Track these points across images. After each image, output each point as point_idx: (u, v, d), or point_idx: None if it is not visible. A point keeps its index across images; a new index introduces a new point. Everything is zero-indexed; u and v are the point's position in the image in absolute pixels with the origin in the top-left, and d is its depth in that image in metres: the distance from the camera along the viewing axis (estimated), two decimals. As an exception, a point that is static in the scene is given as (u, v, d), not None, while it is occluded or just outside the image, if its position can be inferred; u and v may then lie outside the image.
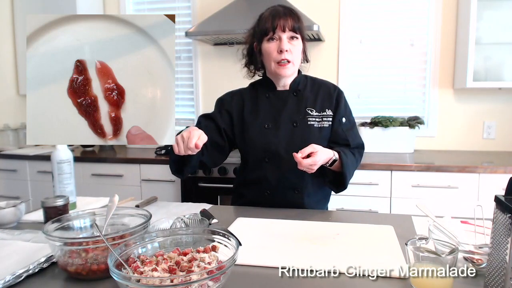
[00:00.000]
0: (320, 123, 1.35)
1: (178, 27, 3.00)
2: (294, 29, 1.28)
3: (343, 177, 1.29)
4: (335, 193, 1.40)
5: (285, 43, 1.27)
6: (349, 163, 1.29)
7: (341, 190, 1.36)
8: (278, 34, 1.28)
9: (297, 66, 1.35)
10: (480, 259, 0.79)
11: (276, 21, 1.27)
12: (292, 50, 1.29)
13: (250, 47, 1.38)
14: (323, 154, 1.21)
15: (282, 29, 1.27)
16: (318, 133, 1.34)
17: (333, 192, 1.41)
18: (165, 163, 2.50)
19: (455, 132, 2.65)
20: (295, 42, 1.30)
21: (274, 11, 1.30)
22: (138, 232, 0.85)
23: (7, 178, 2.84)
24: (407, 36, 2.67)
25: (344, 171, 1.27)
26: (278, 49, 1.28)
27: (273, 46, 1.29)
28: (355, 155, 1.37)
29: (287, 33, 1.27)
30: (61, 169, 1.26)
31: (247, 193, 1.43)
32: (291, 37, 1.29)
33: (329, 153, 1.24)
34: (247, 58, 1.42)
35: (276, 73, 1.33)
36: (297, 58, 1.32)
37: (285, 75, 1.33)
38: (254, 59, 1.38)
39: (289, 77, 1.36)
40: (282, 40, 1.27)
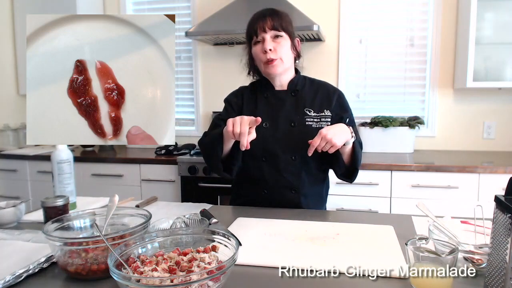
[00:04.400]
0: (318, 124, 1.35)
1: (178, 27, 3.00)
2: (275, 28, 1.29)
3: (355, 157, 1.28)
4: (350, 182, 1.38)
5: (267, 43, 1.29)
6: (358, 147, 1.29)
7: (354, 176, 1.35)
8: (261, 36, 1.30)
9: (288, 63, 1.35)
10: (480, 259, 0.79)
11: (256, 24, 1.30)
12: (277, 48, 1.30)
13: (249, 54, 1.41)
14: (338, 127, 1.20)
15: (263, 30, 1.29)
16: (316, 133, 1.34)
17: (348, 182, 1.39)
18: (165, 163, 2.50)
19: (455, 132, 2.65)
20: (280, 40, 1.31)
21: (256, 15, 1.33)
22: (138, 232, 0.85)
23: (7, 178, 2.84)
24: (407, 36, 2.67)
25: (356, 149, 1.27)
26: (262, 50, 1.30)
27: (259, 48, 1.32)
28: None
29: (269, 33, 1.29)
30: (61, 169, 1.26)
31: (245, 193, 1.43)
32: (275, 36, 1.30)
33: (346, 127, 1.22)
34: (248, 64, 1.44)
35: (267, 73, 1.35)
36: (285, 55, 1.32)
37: (275, 73, 1.33)
38: (250, 64, 1.42)
39: (281, 74, 1.36)
40: (265, 40, 1.29)
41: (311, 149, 1.18)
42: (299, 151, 1.32)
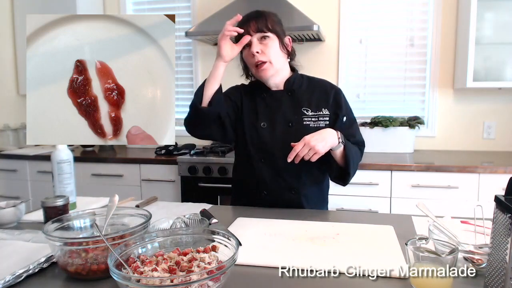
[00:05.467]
0: (316, 123, 1.34)
1: (178, 27, 3.00)
2: (260, 29, 1.28)
3: (347, 160, 1.26)
4: (343, 185, 1.37)
5: (254, 45, 1.28)
6: (352, 150, 1.28)
7: (347, 180, 1.33)
8: (249, 40, 1.29)
9: (278, 64, 1.32)
10: (480, 259, 0.79)
11: (243, 27, 1.28)
12: (264, 50, 1.29)
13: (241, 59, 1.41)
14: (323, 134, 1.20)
15: (248, 33, 1.28)
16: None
17: (341, 185, 1.38)
18: (165, 163, 2.50)
19: (455, 132, 2.65)
20: (267, 41, 1.29)
21: (242, 19, 1.31)
22: (138, 232, 0.85)
23: (7, 178, 2.84)
24: (407, 36, 2.67)
25: (347, 153, 1.25)
26: (250, 54, 1.29)
27: (248, 52, 1.31)
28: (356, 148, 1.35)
29: (255, 36, 1.28)
30: (61, 169, 1.26)
31: (245, 194, 1.43)
32: (261, 38, 1.29)
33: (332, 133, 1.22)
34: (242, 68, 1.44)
35: (258, 77, 1.35)
36: (273, 56, 1.30)
37: (266, 76, 1.32)
38: (244, 68, 1.41)
39: (273, 76, 1.34)
40: (252, 43, 1.29)
41: (292, 153, 1.17)
42: None
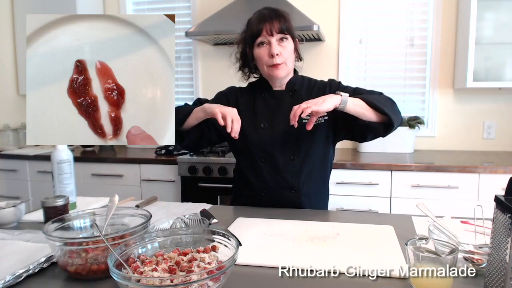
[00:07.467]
0: (316, 121, 1.34)
1: (178, 27, 3.00)
2: (282, 31, 1.27)
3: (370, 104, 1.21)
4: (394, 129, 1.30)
5: (274, 47, 1.27)
6: (370, 96, 1.23)
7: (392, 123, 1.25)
8: (267, 39, 1.28)
9: (291, 65, 1.35)
10: (480, 259, 0.79)
11: (262, 25, 1.27)
12: (283, 52, 1.29)
13: (243, 52, 1.39)
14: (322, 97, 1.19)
15: (269, 33, 1.27)
16: (314, 132, 1.34)
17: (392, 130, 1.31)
18: (165, 163, 2.50)
19: (455, 132, 2.65)
20: (285, 43, 1.29)
21: (260, 16, 1.30)
22: (138, 232, 0.85)
23: (7, 178, 2.84)
24: (407, 36, 2.67)
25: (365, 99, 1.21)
26: (269, 54, 1.28)
27: (264, 51, 1.29)
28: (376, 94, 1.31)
29: (276, 36, 1.27)
30: (61, 169, 1.26)
31: (245, 194, 1.43)
32: (280, 39, 1.29)
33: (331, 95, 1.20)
34: (241, 62, 1.42)
35: (270, 76, 1.34)
36: (289, 58, 1.31)
37: (279, 76, 1.33)
38: (247, 63, 1.40)
39: (284, 77, 1.36)
40: (272, 44, 1.27)
41: (292, 117, 1.16)
42: (298, 151, 1.32)
